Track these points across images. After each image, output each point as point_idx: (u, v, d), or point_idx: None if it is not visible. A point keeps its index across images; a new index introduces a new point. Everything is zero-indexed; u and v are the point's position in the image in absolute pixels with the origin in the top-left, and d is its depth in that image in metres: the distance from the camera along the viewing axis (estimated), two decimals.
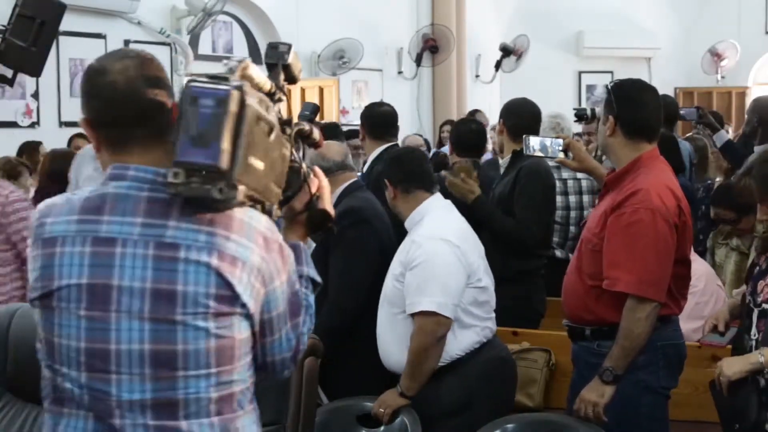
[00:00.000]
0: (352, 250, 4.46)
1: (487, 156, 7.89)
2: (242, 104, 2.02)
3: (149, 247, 2.12)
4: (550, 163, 5.29)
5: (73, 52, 10.27)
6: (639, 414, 3.81)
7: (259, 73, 2.20)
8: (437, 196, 4.32)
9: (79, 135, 9.20)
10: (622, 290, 3.68)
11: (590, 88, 17.66)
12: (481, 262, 4.15)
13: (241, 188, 2.02)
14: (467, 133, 6.05)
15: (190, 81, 2.04)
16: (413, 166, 4.34)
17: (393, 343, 4.16)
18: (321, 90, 12.82)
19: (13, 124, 9.59)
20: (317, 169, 2.58)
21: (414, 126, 12.43)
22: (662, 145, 6.11)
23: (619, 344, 3.69)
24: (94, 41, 10.48)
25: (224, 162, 1.98)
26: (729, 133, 10.10)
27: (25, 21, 8.98)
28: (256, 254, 2.18)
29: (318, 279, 2.57)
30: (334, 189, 4.65)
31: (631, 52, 17.32)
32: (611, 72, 17.54)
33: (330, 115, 12.51)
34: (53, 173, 6.29)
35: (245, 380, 2.25)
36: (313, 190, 2.51)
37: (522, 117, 5.35)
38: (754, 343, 3.62)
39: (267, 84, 2.24)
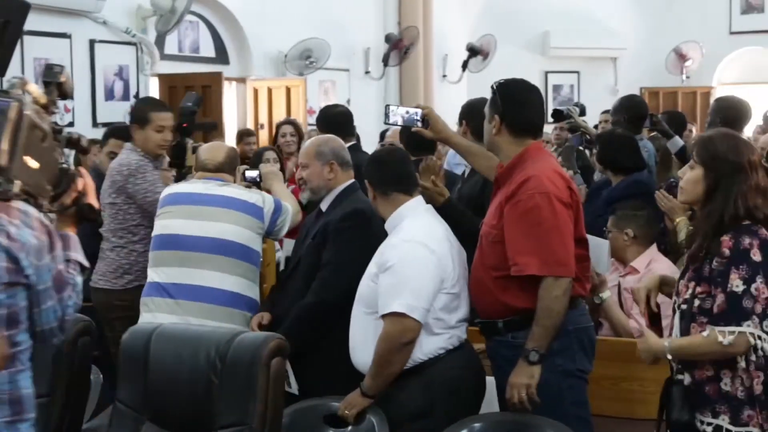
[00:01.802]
0: (347, 249, 4.48)
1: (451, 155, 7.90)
2: (20, 114, 2.52)
3: None
4: None
5: (38, 52, 10.18)
6: (562, 399, 3.91)
7: (36, 89, 2.75)
8: (418, 199, 4.30)
9: None
10: (535, 273, 3.80)
11: (557, 88, 17.71)
12: (459, 269, 4.14)
13: (17, 182, 2.49)
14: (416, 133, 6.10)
15: None
16: (393, 168, 4.31)
17: (363, 342, 4.16)
18: (288, 90, 12.79)
19: None
20: (83, 170, 3.03)
21: (381, 126, 12.38)
22: (622, 145, 6.23)
23: (540, 324, 3.80)
24: (59, 41, 10.42)
25: (3, 160, 2.46)
26: (693, 132, 10.20)
27: None
28: (33, 237, 2.70)
29: (86, 263, 3.00)
30: (342, 182, 4.71)
31: (597, 52, 17.39)
32: (577, 72, 17.63)
33: (297, 115, 12.48)
34: None
35: (26, 341, 2.77)
36: (80, 188, 2.96)
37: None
38: None
39: (43, 98, 2.77)
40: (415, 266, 4.03)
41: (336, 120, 6.24)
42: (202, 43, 12.61)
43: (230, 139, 11.86)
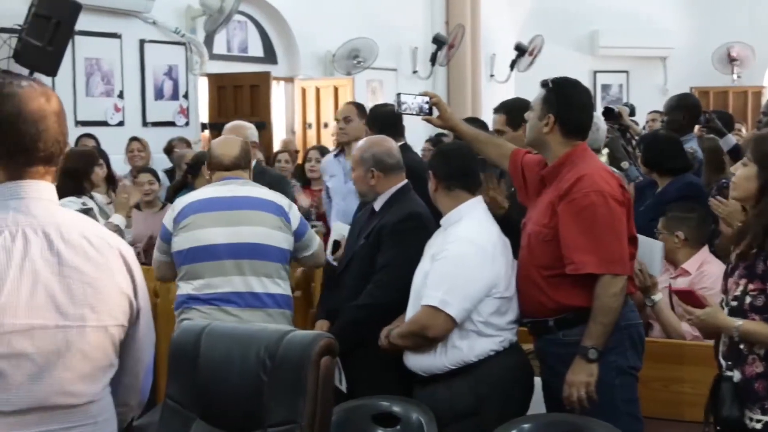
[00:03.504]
0: (405, 251, 4.44)
1: None
2: None
3: None
4: None
5: (89, 52, 10.31)
6: (614, 396, 3.90)
7: None
8: (479, 199, 4.29)
9: (87, 135, 9.24)
10: (592, 271, 3.81)
11: (605, 88, 17.63)
12: (510, 272, 4.14)
13: None
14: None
15: None
16: (460, 163, 4.29)
17: None
18: (336, 89, 12.83)
19: None
20: None
21: (428, 126, 12.43)
22: (668, 146, 6.18)
23: (598, 322, 3.81)
24: (110, 41, 10.54)
25: None
26: (743, 132, 10.08)
27: (41, 21, 9.03)
28: None
29: None
30: (390, 187, 4.66)
31: (646, 51, 17.29)
32: (626, 71, 17.53)
33: None
34: (68, 172, 6.34)
35: None
36: None
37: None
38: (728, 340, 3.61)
39: None
40: (465, 265, 4.03)
41: (385, 119, 6.22)
42: (251, 42, 12.68)
43: (279, 139, 11.91)
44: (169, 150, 9.84)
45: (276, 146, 11.12)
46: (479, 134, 4.59)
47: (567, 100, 4.03)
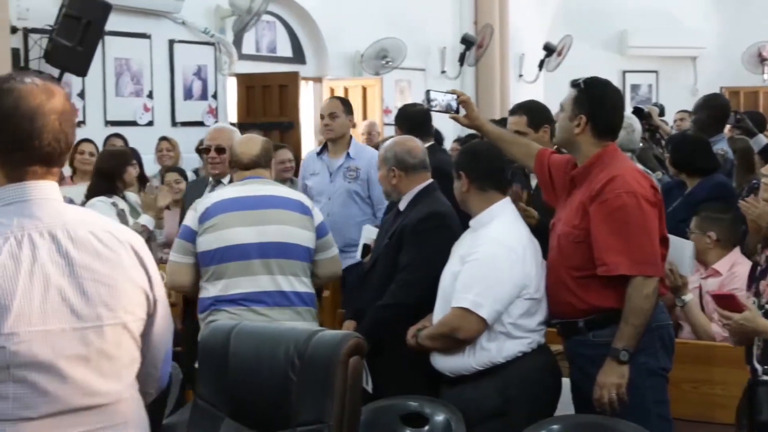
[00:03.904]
0: (427, 250, 4.44)
1: None
2: None
3: None
4: None
5: (119, 52, 10.36)
6: (645, 398, 3.88)
7: None
8: (508, 200, 4.28)
9: (116, 135, 9.28)
10: (625, 273, 3.79)
11: (634, 88, 17.56)
12: (540, 273, 4.13)
13: None
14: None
15: None
16: (492, 163, 4.26)
17: None
18: (364, 89, 12.84)
19: None
20: None
21: (456, 126, 12.42)
22: (696, 147, 6.15)
23: (629, 324, 3.78)
24: (140, 41, 10.58)
25: None
26: None
27: (72, 21, 9.09)
28: None
29: None
30: (413, 186, 4.65)
31: (676, 51, 17.22)
32: (656, 71, 17.45)
33: (373, 115, 12.53)
34: (101, 172, 6.39)
35: None
36: None
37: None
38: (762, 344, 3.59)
39: None
40: (496, 267, 4.02)
41: (414, 119, 6.21)
42: (279, 43, 12.71)
43: (308, 138, 11.91)
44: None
45: (305, 147, 11.13)
46: (504, 134, 4.58)
47: (598, 101, 4.01)
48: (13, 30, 9.10)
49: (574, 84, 4.06)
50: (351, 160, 6.52)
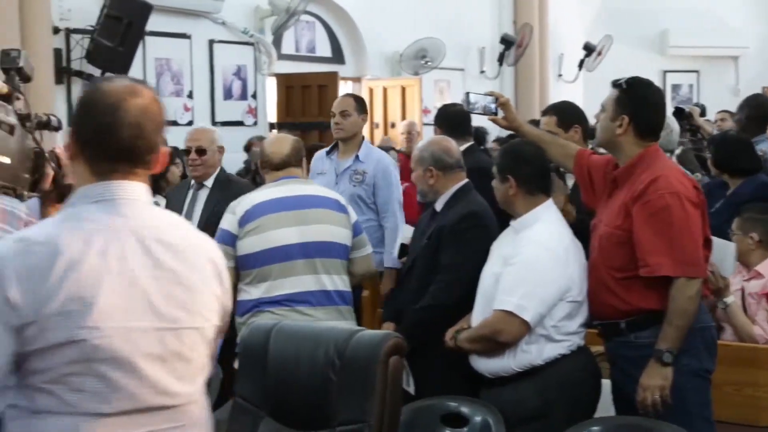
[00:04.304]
0: (466, 250, 4.43)
1: None
2: None
3: None
4: None
5: (159, 52, 10.43)
6: (687, 399, 3.83)
7: None
8: (551, 201, 4.25)
9: None
10: (668, 274, 3.76)
11: (675, 88, 17.43)
12: (584, 275, 4.10)
13: None
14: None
15: None
16: (540, 166, 4.25)
17: None
18: (403, 89, 12.84)
19: None
20: (59, 150, 2.79)
21: (496, 127, 12.42)
22: (738, 147, 6.09)
23: (673, 325, 3.75)
24: (180, 41, 10.64)
25: None
26: None
27: (113, 21, 9.16)
28: None
29: None
30: (450, 186, 4.64)
31: (717, 51, 17.08)
32: (697, 71, 17.31)
33: (412, 115, 12.52)
34: None
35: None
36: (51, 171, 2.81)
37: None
38: None
39: (5, 88, 2.59)
40: (540, 270, 4.00)
41: (453, 119, 6.18)
42: (319, 42, 12.73)
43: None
44: (248, 148, 10.06)
45: None
46: (543, 135, 4.56)
47: (641, 101, 3.97)
48: (56, 30, 9.20)
49: (616, 84, 4.03)
50: (359, 162, 6.22)
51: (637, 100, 3.97)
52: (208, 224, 5.14)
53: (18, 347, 2.19)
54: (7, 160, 2.49)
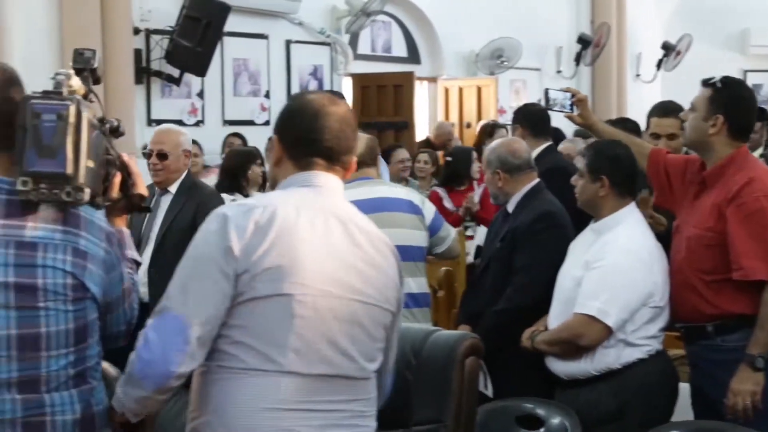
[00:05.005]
0: (541, 252, 4.42)
1: None
2: (79, 116, 2.37)
3: (10, 247, 2.41)
4: None
5: (237, 52, 10.52)
6: None
7: (77, 81, 2.50)
8: (634, 204, 4.21)
9: (234, 134, 9.42)
10: (763, 278, 3.68)
11: (756, 88, 17.13)
12: (667, 279, 4.06)
13: (87, 190, 2.39)
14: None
15: (29, 99, 2.36)
16: (633, 167, 4.20)
17: None
18: (479, 89, 12.82)
19: (179, 123, 9.83)
20: (126, 157, 2.79)
21: (572, 126, 12.33)
22: None
23: (765, 330, 3.68)
24: (257, 41, 10.72)
25: (69, 168, 2.35)
26: None
27: (192, 22, 9.27)
28: (101, 248, 2.55)
29: (138, 259, 2.91)
30: (520, 187, 4.62)
31: None
32: None
33: (487, 115, 12.48)
34: (227, 169, 6.53)
35: (95, 356, 2.59)
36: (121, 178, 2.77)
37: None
38: None
39: (82, 89, 2.53)
40: (624, 275, 3.96)
41: (533, 118, 6.15)
42: (395, 42, 12.75)
43: (422, 138, 11.90)
44: None
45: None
46: (618, 133, 4.50)
47: (736, 101, 3.91)
48: (136, 31, 9.33)
49: (709, 83, 3.94)
50: None
51: (732, 99, 3.90)
52: (169, 232, 5.13)
53: (233, 292, 2.43)
54: (92, 164, 2.46)
